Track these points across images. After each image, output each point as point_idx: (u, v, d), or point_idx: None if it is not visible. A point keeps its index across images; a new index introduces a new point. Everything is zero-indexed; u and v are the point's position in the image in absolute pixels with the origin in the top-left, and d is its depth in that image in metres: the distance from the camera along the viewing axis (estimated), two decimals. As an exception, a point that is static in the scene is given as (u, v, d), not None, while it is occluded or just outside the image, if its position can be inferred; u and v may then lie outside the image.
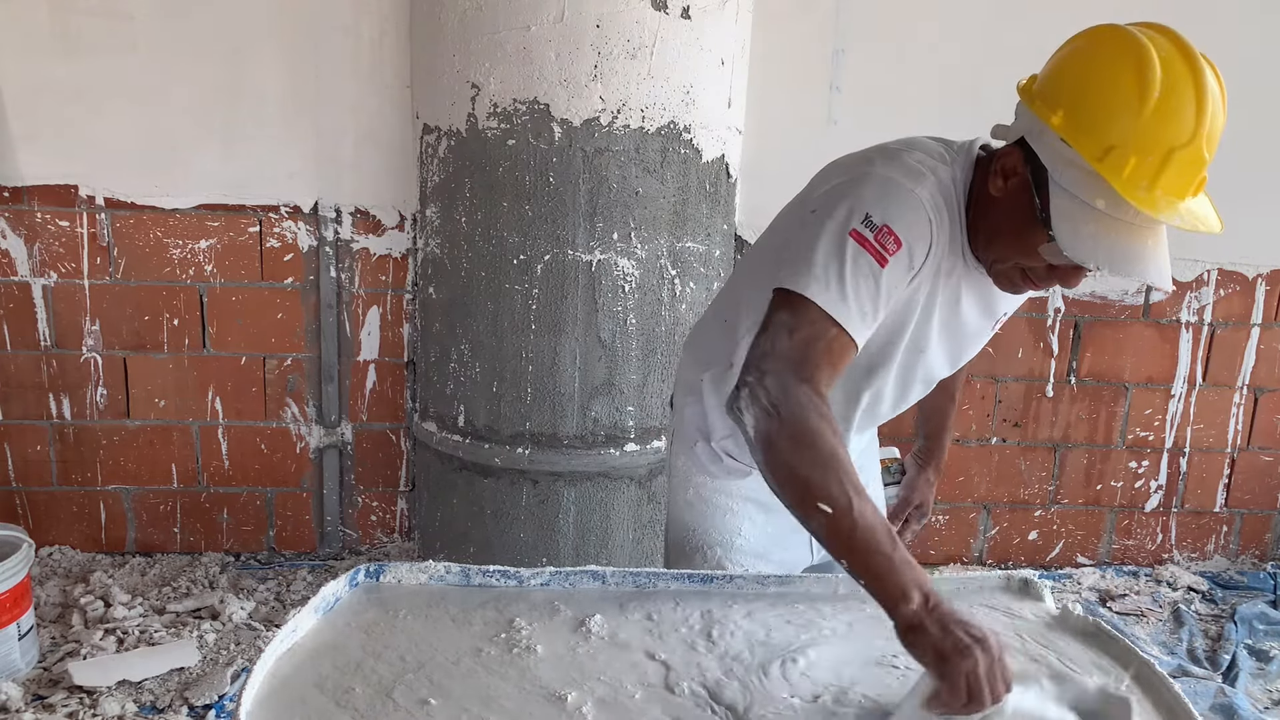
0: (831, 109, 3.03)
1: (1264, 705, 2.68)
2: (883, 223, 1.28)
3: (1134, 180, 1.18)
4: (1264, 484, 3.51)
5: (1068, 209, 1.22)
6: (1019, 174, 1.29)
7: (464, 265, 2.71)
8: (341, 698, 1.10)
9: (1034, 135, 1.26)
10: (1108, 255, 1.21)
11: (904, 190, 1.30)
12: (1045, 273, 1.33)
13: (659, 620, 1.31)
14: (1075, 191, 1.21)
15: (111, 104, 2.84)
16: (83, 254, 2.94)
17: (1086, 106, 1.21)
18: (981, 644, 1.07)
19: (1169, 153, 1.18)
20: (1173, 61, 1.19)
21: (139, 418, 3.09)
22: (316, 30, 2.87)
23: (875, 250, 1.27)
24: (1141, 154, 1.17)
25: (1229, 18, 3.01)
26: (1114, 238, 1.21)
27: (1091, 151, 1.19)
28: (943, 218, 1.34)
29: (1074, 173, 1.21)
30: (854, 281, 1.26)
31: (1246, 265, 3.28)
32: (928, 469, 1.93)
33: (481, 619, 1.28)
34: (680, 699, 1.14)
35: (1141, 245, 1.22)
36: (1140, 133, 1.18)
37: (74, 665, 2.48)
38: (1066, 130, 1.21)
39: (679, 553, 1.68)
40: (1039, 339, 3.30)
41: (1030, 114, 1.27)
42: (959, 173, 1.37)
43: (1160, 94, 1.17)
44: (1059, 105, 1.23)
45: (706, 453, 1.63)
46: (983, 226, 1.36)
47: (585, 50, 2.48)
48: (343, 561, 3.25)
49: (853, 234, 1.27)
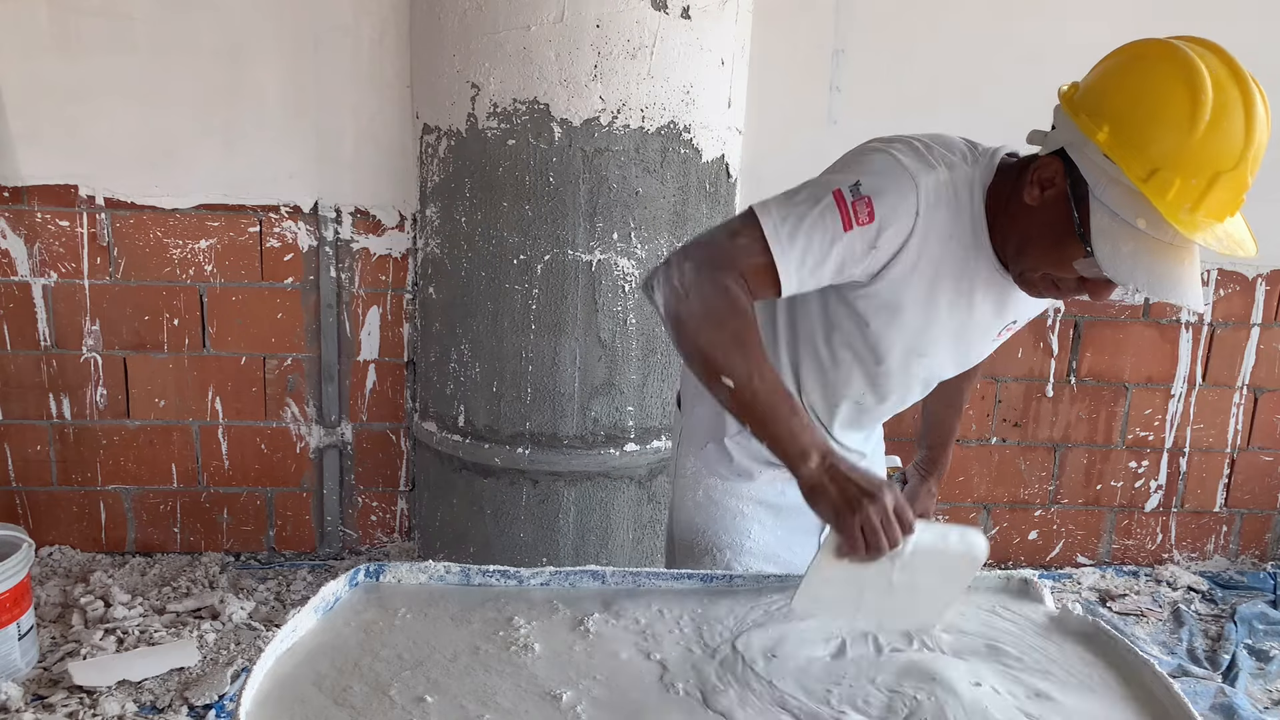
0: (831, 109, 3.03)
1: (1264, 705, 2.68)
2: (867, 193, 1.30)
3: (1178, 202, 1.17)
4: (1264, 484, 3.51)
5: (1108, 227, 1.21)
6: (1057, 185, 1.27)
7: (464, 265, 2.71)
8: (340, 696, 1.10)
9: (1075, 148, 1.24)
10: (1146, 276, 1.20)
11: (904, 173, 1.31)
12: (1076, 284, 1.32)
13: (657, 620, 1.31)
14: (1117, 209, 1.20)
15: (111, 104, 2.85)
16: (83, 254, 2.95)
17: (1134, 124, 1.19)
18: (872, 495, 1.19)
19: (1215, 176, 1.16)
20: (1224, 84, 1.17)
21: (139, 418, 3.10)
22: (316, 30, 2.87)
23: (846, 214, 1.29)
24: (1187, 176, 1.16)
25: (1230, 15, 3.01)
26: (1152, 258, 1.20)
27: (1137, 171, 1.18)
28: (939, 213, 1.33)
29: (1117, 190, 1.20)
30: (809, 231, 1.29)
31: (1246, 265, 3.28)
32: (929, 480, 1.91)
33: (480, 618, 1.28)
34: (675, 698, 1.14)
35: (1179, 266, 1.21)
36: (1188, 156, 1.16)
37: (74, 665, 2.48)
38: (1112, 147, 1.20)
39: (686, 554, 1.67)
40: (1039, 339, 3.30)
41: (1073, 126, 1.24)
42: (979, 174, 1.36)
43: (1211, 117, 1.15)
44: (1105, 120, 1.21)
45: (717, 453, 1.63)
46: (1014, 234, 1.35)
47: (585, 50, 2.48)
48: (343, 561, 3.25)
49: (835, 192, 1.30)
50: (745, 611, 1.34)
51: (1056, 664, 1.26)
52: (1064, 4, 2.98)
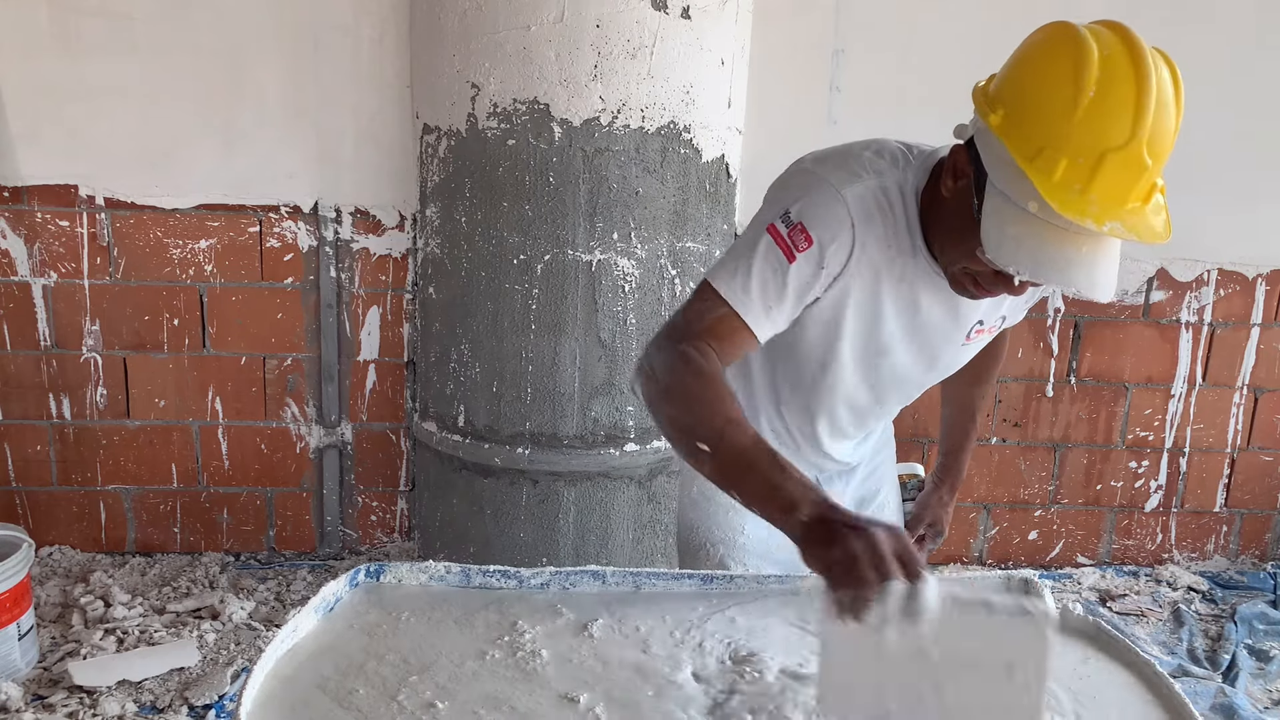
0: (831, 109, 3.03)
1: (1264, 705, 2.68)
2: (798, 220, 1.30)
3: (1065, 183, 1.13)
4: (1264, 484, 3.51)
5: (998, 208, 1.19)
6: (966, 175, 1.27)
7: (464, 265, 2.71)
8: (345, 699, 1.09)
9: (980, 135, 1.24)
10: (1030, 259, 1.17)
11: (829, 191, 1.32)
12: (991, 278, 1.29)
13: (660, 621, 1.31)
14: (1008, 193, 1.17)
15: (111, 104, 2.84)
16: (83, 254, 2.94)
17: (1022, 104, 1.18)
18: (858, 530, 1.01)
19: (1102, 155, 1.12)
20: (1115, 60, 1.13)
21: (139, 418, 3.09)
22: (316, 30, 2.87)
23: (785, 245, 1.30)
24: (1073, 156, 1.13)
25: (1227, 18, 3.01)
26: (1039, 242, 1.16)
27: (1023, 151, 1.16)
28: (872, 219, 1.33)
29: (1008, 173, 1.17)
30: (760, 275, 1.30)
31: (1246, 265, 3.28)
32: (941, 487, 1.91)
33: (484, 621, 1.28)
34: (686, 699, 1.14)
35: (1074, 251, 1.16)
36: (1071, 134, 1.13)
37: (74, 665, 2.48)
38: (1002, 129, 1.19)
39: (685, 550, 1.70)
40: (1039, 339, 3.30)
41: (975, 115, 1.25)
42: (910, 177, 1.36)
43: (1095, 94, 1.12)
44: (1000, 104, 1.21)
45: None
46: (936, 228, 1.35)
47: (585, 50, 2.48)
48: (343, 561, 3.25)
49: (769, 229, 1.31)
50: (746, 610, 1.34)
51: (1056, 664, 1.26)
52: (1064, 4, 2.98)
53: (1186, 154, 3.07)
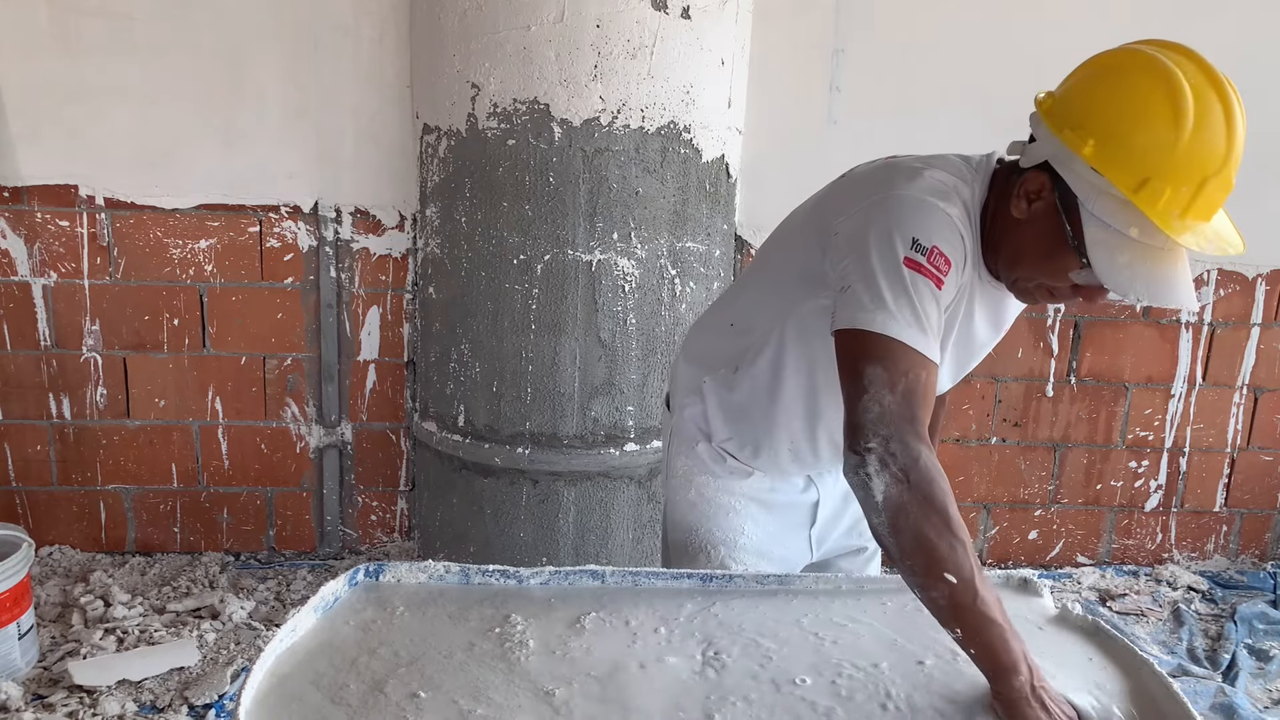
0: (831, 109, 3.03)
1: (1264, 705, 2.68)
2: (931, 244, 1.27)
3: (1169, 209, 1.19)
4: (1264, 484, 3.51)
5: (1102, 238, 1.23)
6: (1045, 199, 1.28)
7: (464, 265, 2.71)
8: (336, 694, 1.10)
9: (1061, 162, 1.25)
10: (1145, 284, 1.23)
11: (939, 211, 1.30)
12: (1070, 292, 1.34)
13: (656, 619, 1.31)
14: (1109, 220, 1.21)
15: (111, 104, 2.85)
16: (83, 254, 2.95)
17: (1120, 137, 1.20)
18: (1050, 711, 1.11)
19: (1203, 181, 1.19)
20: (1202, 89, 1.19)
21: (139, 418, 3.10)
22: (316, 30, 2.87)
23: (932, 274, 1.26)
24: (1177, 184, 1.19)
25: (1228, 16, 3.02)
26: (1148, 265, 1.22)
27: (1127, 183, 1.20)
28: (968, 235, 1.34)
29: (1108, 202, 1.21)
30: (924, 309, 1.25)
31: (1246, 265, 3.28)
32: None
33: (478, 615, 1.28)
34: (673, 697, 1.14)
35: (1173, 269, 1.23)
36: (1176, 165, 1.18)
37: (74, 665, 2.48)
38: (1099, 161, 1.21)
39: (681, 553, 1.68)
40: (1039, 339, 3.30)
41: (1057, 141, 1.26)
42: (977, 190, 1.37)
43: (1194, 124, 1.18)
44: (1089, 134, 1.22)
45: (709, 452, 1.63)
46: (1005, 247, 1.36)
47: (585, 50, 2.48)
48: (343, 561, 3.25)
49: (907, 262, 1.25)
50: (745, 610, 1.34)
51: (1057, 664, 1.26)
52: (1065, 5, 2.98)
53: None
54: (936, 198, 1.31)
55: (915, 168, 1.36)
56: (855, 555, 1.77)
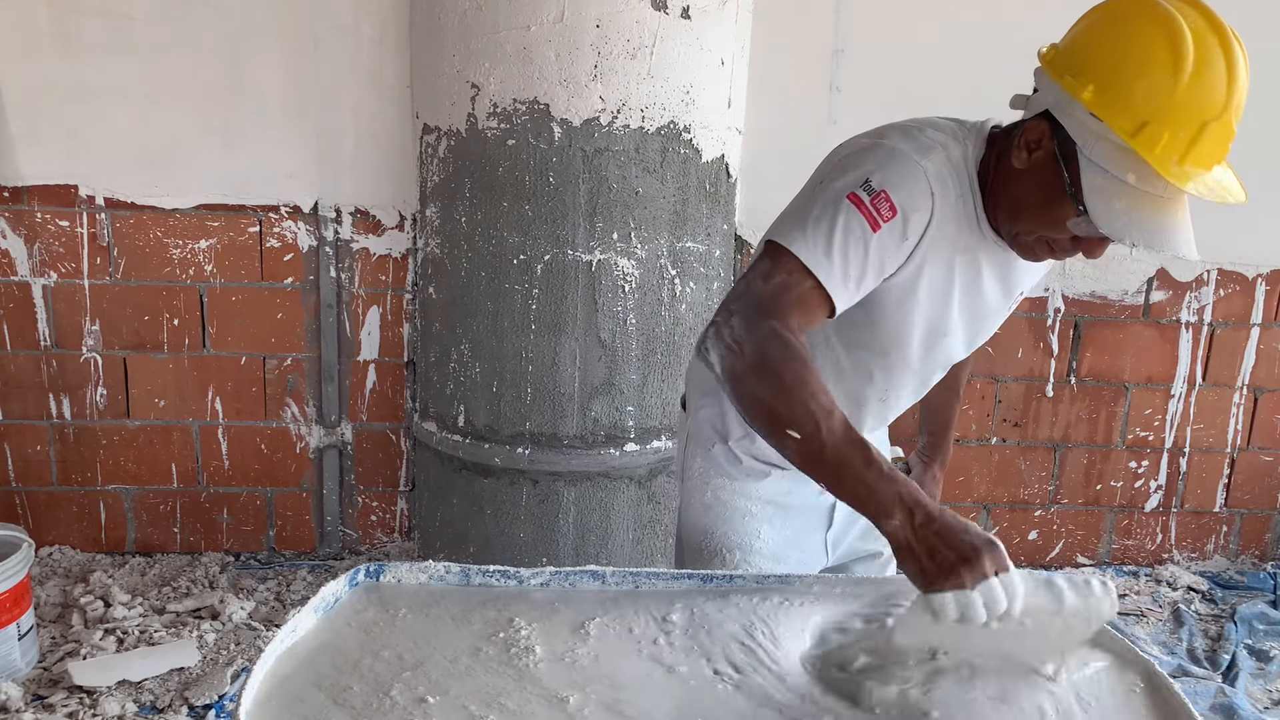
0: (831, 109, 3.03)
1: (1264, 705, 2.68)
2: (880, 188, 1.28)
3: (1166, 155, 1.18)
4: (1264, 484, 3.51)
5: (1099, 184, 1.22)
6: (1044, 147, 1.28)
7: (464, 265, 2.71)
8: (339, 696, 1.09)
9: (1061, 108, 1.25)
10: (1141, 230, 1.21)
11: (909, 160, 1.30)
12: (1070, 244, 1.33)
13: (658, 620, 1.31)
14: (1107, 166, 1.21)
15: (111, 104, 2.85)
16: (83, 254, 2.95)
17: (1119, 81, 1.20)
18: (970, 561, 1.06)
19: (1202, 126, 1.18)
20: (1203, 34, 1.19)
21: (139, 418, 3.10)
22: (316, 30, 2.87)
23: (870, 214, 1.27)
24: (1175, 129, 1.18)
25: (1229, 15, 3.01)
26: (1145, 212, 1.21)
27: (1125, 127, 1.19)
28: (948, 192, 1.33)
29: (1105, 147, 1.21)
30: (842, 241, 1.26)
31: (1246, 265, 3.29)
32: (933, 466, 1.92)
33: (481, 618, 1.28)
34: (682, 700, 1.14)
35: (1172, 217, 1.22)
36: (1174, 108, 1.17)
37: (74, 665, 2.48)
38: (1098, 105, 1.20)
39: (695, 556, 1.66)
40: (1039, 339, 3.30)
41: (1057, 87, 1.25)
42: (970, 149, 1.37)
43: (1194, 68, 1.17)
44: (1089, 79, 1.22)
45: (725, 454, 1.61)
46: (1005, 199, 1.35)
47: (585, 50, 2.48)
48: (343, 561, 3.25)
49: (849, 196, 1.28)
50: (749, 611, 1.34)
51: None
52: (1065, 5, 2.98)
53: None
54: (914, 150, 1.31)
55: (908, 126, 1.38)
56: (871, 560, 1.76)
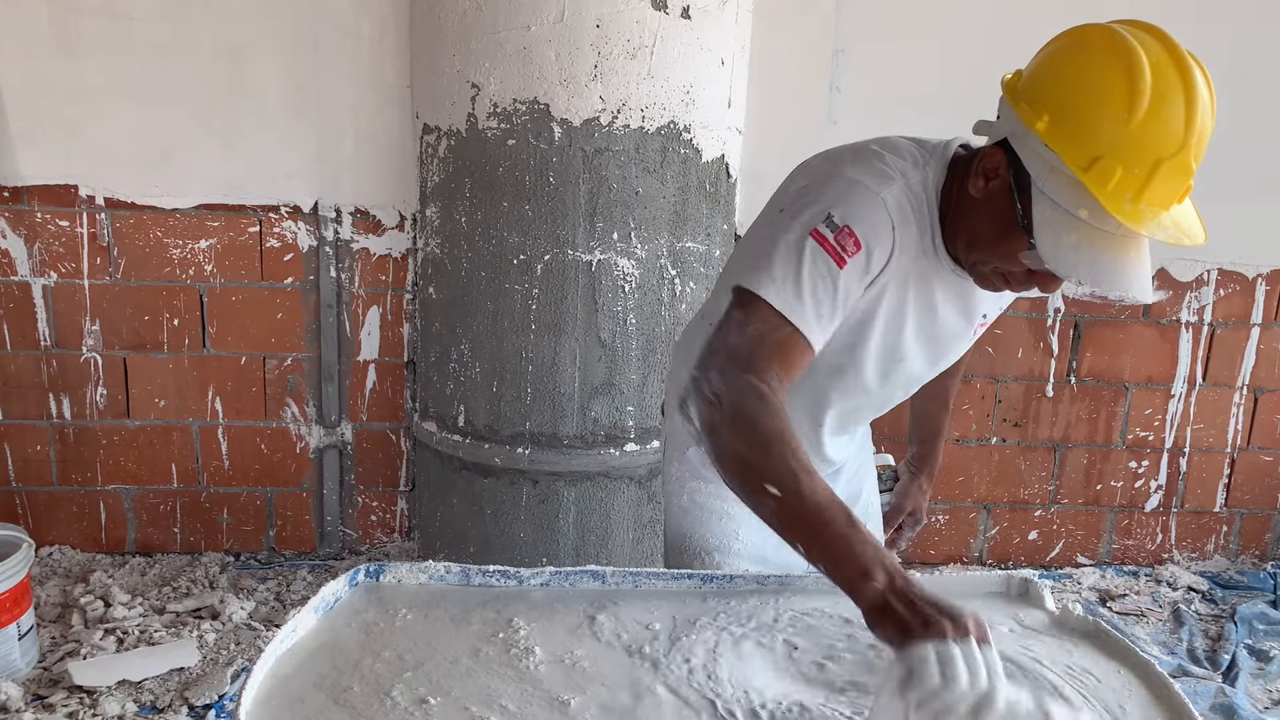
0: (831, 109, 3.03)
1: (1264, 705, 2.68)
2: (843, 223, 1.26)
3: (1119, 192, 1.14)
4: (1264, 484, 3.51)
5: (1050, 217, 1.18)
6: (1000, 176, 1.25)
7: (464, 265, 2.71)
8: (339, 696, 1.09)
9: (1017, 138, 1.22)
10: (1089, 268, 1.17)
11: (869, 193, 1.28)
12: (1024, 277, 1.30)
13: (658, 621, 1.31)
14: (1058, 199, 1.17)
15: (111, 104, 2.85)
16: (83, 254, 2.95)
17: (1074, 113, 1.17)
18: (954, 619, 1.00)
19: (1156, 164, 1.14)
20: (1163, 68, 1.14)
21: (139, 418, 3.10)
22: (316, 30, 2.87)
23: (834, 250, 1.25)
24: (1129, 165, 1.14)
25: (1227, 19, 3.01)
26: (1096, 249, 1.17)
27: (1077, 160, 1.15)
28: (908, 222, 1.32)
29: (1058, 180, 1.17)
30: (811, 282, 1.25)
31: (1246, 265, 3.28)
32: (920, 476, 1.93)
33: (481, 619, 1.28)
34: (680, 703, 1.14)
35: (1123, 257, 1.18)
36: (1128, 144, 1.14)
37: (74, 665, 2.48)
38: (1052, 137, 1.17)
39: (677, 559, 1.67)
40: (1039, 339, 3.30)
41: (1014, 115, 1.22)
42: (931, 175, 1.35)
43: (1150, 104, 1.13)
44: (1045, 109, 1.19)
45: (699, 457, 1.61)
46: (963, 228, 1.33)
47: (585, 50, 2.48)
48: (343, 561, 3.25)
49: (813, 234, 1.26)
50: (749, 612, 1.34)
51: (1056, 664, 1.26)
52: (1065, 5, 2.98)
53: (1186, 154, 3.04)
54: (873, 182, 1.29)
55: (867, 153, 1.35)
56: None
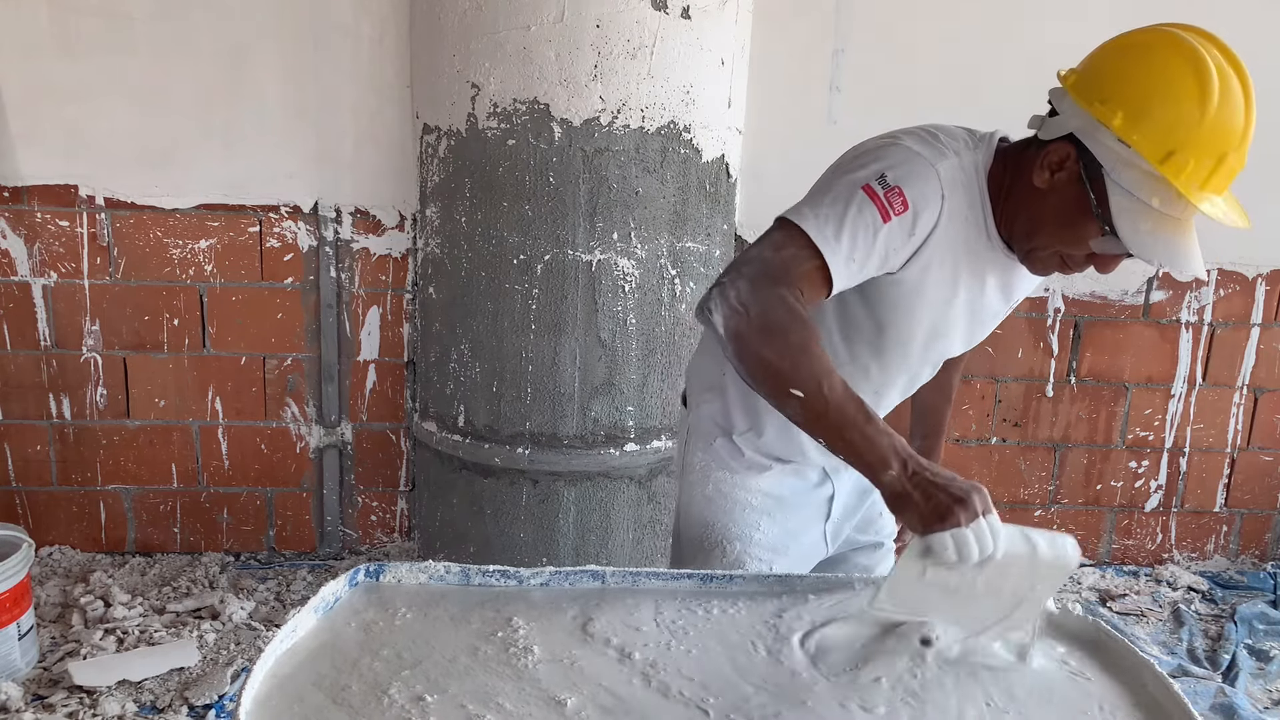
0: (831, 109, 3.03)
1: (1264, 705, 2.68)
2: (895, 184, 1.34)
3: (1190, 181, 1.26)
4: (1264, 484, 3.51)
5: (1126, 206, 1.29)
6: (1069, 169, 1.34)
7: (464, 265, 2.71)
8: (338, 695, 1.09)
9: (1087, 133, 1.31)
10: (1165, 251, 1.30)
11: (923, 161, 1.36)
12: (1085, 260, 1.40)
13: (657, 620, 1.31)
14: (1133, 190, 1.28)
15: (111, 104, 2.85)
16: (83, 254, 2.95)
17: (1148, 110, 1.26)
18: (962, 501, 1.15)
19: (1222, 156, 1.26)
20: (1224, 68, 1.26)
21: (139, 418, 3.10)
22: (316, 30, 2.87)
23: (882, 205, 1.33)
24: (1199, 157, 1.25)
25: (1232, 16, 3.01)
26: (1167, 234, 1.29)
27: (1153, 154, 1.26)
28: (958, 196, 1.39)
29: (1133, 173, 1.27)
30: (852, 227, 1.32)
31: (1246, 265, 3.29)
32: None
33: (480, 618, 1.28)
34: (679, 705, 1.14)
35: (1186, 239, 1.30)
36: (1200, 138, 1.25)
37: (74, 665, 2.48)
38: (1128, 133, 1.27)
39: (696, 549, 1.68)
40: (1039, 339, 3.30)
41: (1085, 113, 1.31)
42: (981, 158, 1.43)
43: (1219, 101, 1.25)
44: (1118, 107, 1.28)
45: (727, 448, 1.64)
46: (1022, 216, 1.41)
47: (585, 50, 2.48)
48: (343, 561, 3.25)
49: (864, 188, 1.33)
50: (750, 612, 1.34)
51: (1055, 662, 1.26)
52: (1065, 5, 2.98)
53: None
54: (928, 153, 1.37)
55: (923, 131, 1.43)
56: (872, 550, 1.81)
